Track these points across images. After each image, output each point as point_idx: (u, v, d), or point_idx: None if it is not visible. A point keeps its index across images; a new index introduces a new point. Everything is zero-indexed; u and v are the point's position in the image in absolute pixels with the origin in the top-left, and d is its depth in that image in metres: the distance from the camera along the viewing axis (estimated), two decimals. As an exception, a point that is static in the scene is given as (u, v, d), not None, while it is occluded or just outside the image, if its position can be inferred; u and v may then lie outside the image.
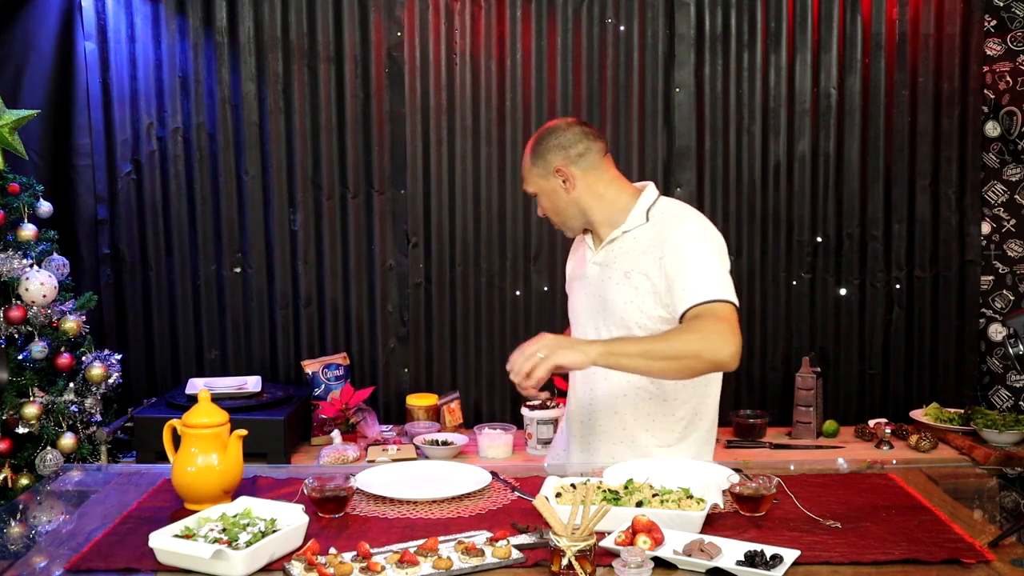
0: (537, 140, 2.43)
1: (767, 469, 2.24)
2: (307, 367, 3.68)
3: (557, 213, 2.44)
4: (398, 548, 1.76)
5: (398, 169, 3.74)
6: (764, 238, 3.79)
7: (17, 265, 3.20)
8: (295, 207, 3.74)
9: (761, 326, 3.83)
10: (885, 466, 2.34)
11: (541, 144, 2.41)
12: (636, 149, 3.74)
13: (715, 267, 2.31)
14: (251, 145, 3.71)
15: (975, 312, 3.82)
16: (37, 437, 3.21)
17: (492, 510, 2.01)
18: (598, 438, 2.45)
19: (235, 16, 3.67)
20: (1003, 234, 3.78)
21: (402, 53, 3.69)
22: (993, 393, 3.82)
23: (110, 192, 3.73)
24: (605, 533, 1.77)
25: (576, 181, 2.39)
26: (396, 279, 3.78)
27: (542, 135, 2.43)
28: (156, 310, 3.78)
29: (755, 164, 3.76)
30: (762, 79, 3.73)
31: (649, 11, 3.70)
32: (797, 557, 1.70)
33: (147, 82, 3.68)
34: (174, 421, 2.08)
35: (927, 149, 3.76)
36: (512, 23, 3.69)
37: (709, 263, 2.31)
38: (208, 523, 1.81)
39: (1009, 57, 3.71)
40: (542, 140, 2.42)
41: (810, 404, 3.58)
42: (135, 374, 3.77)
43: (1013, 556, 1.74)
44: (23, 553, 1.86)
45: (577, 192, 2.39)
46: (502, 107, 3.71)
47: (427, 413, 3.63)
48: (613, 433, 2.42)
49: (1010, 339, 1.85)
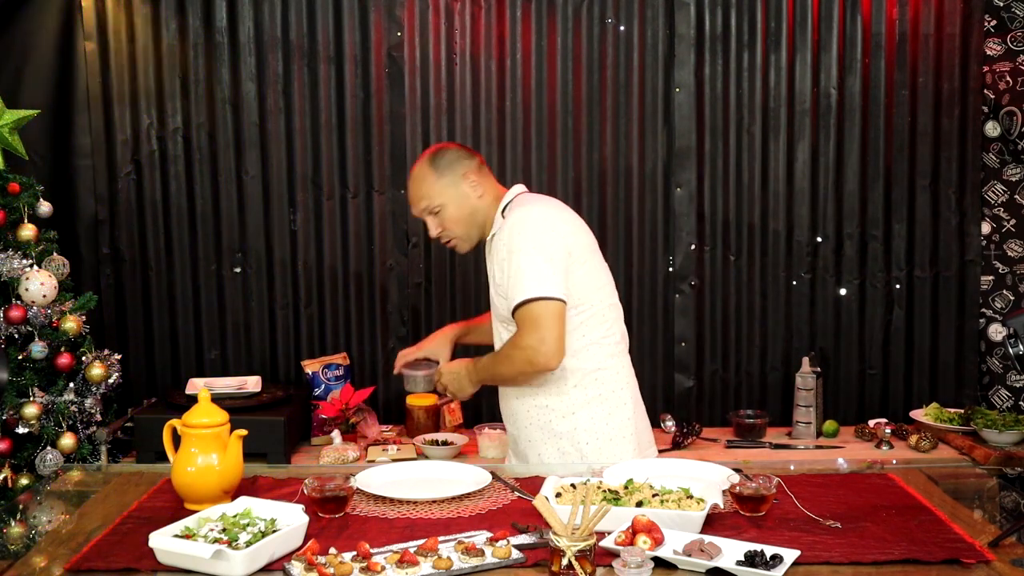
0: (432, 158, 2.56)
1: (767, 469, 2.24)
2: (307, 367, 3.68)
3: (462, 223, 2.55)
4: (398, 548, 1.76)
5: (398, 169, 3.74)
6: (764, 238, 3.79)
7: (17, 265, 3.20)
8: (295, 207, 3.74)
9: (761, 326, 3.83)
10: (885, 466, 2.34)
11: (440, 159, 2.55)
12: (636, 149, 3.74)
13: (531, 264, 2.37)
14: (251, 145, 3.71)
15: (975, 312, 3.82)
16: (37, 437, 3.21)
17: (492, 510, 2.01)
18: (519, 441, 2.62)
19: (235, 16, 3.67)
20: (1003, 234, 3.78)
21: (402, 53, 3.69)
22: (993, 393, 3.82)
23: (110, 192, 3.72)
24: (605, 533, 1.77)
25: (481, 187, 2.54)
26: (396, 279, 3.78)
27: (435, 154, 2.56)
28: (156, 310, 3.78)
29: (755, 164, 3.76)
30: (762, 79, 3.73)
31: (649, 11, 3.70)
32: (797, 557, 1.71)
33: (147, 82, 3.68)
34: (174, 421, 2.08)
35: (927, 149, 3.76)
36: (512, 23, 3.69)
37: (528, 259, 2.38)
38: (208, 523, 1.81)
39: (1009, 57, 3.71)
40: (439, 156, 2.56)
41: (810, 404, 3.58)
42: (135, 374, 3.77)
43: (1013, 556, 1.74)
44: (23, 553, 1.86)
45: (482, 198, 2.54)
46: (502, 107, 3.71)
47: (427, 413, 3.63)
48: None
49: (1010, 339, 1.85)
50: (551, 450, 2.51)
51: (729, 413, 3.73)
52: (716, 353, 3.83)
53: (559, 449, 2.50)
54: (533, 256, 2.37)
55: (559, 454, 2.50)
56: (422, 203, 2.57)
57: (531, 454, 2.56)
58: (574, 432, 2.49)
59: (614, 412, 2.51)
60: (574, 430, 2.49)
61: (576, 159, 3.73)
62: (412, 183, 2.59)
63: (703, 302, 3.81)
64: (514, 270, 2.38)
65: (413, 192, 2.59)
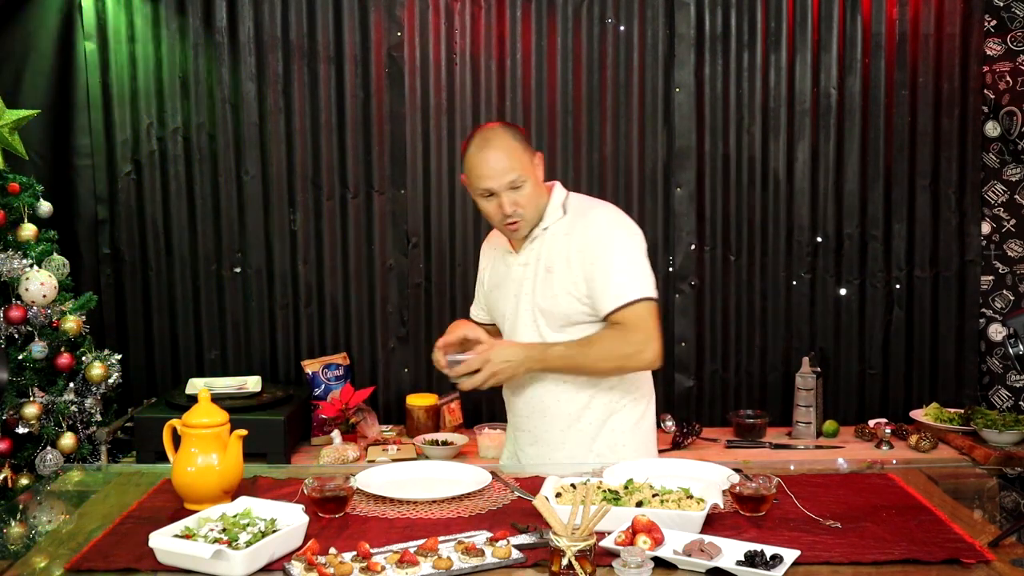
0: (514, 130, 2.43)
1: (767, 469, 2.24)
2: (307, 367, 3.68)
3: (533, 203, 2.41)
4: (398, 548, 1.76)
5: (398, 169, 3.74)
6: (764, 238, 3.79)
7: (17, 265, 3.20)
8: (295, 207, 3.74)
9: (761, 326, 3.83)
10: (885, 466, 2.34)
11: (519, 133, 2.43)
12: (636, 149, 3.74)
13: (634, 263, 2.38)
14: (251, 145, 3.71)
15: (975, 312, 3.82)
16: (37, 437, 3.21)
17: (492, 510, 2.01)
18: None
19: (235, 16, 3.67)
20: (1003, 234, 3.78)
21: (402, 53, 3.69)
22: (993, 393, 3.82)
23: (110, 192, 3.72)
24: (605, 533, 1.77)
25: (541, 171, 2.46)
26: (396, 279, 3.78)
27: (513, 127, 2.45)
28: (156, 310, 3.78)
29: (755, 164, 3.76)
30: (762, 79, 3.73)
31: (649, 11, 3.70)
32: (797, 557, 1.70)
33: (147, 82, 3.68)
34: (174, 421, 2.08)
35: (927, 149, 3.76)
36: (512, 23, 3.69)
37: (627, 259, 2.37)
38: (208, 523, 1.81)
39: (1009, 57, 3.71)
40: (517, 130, 2.44)
41: (810, 404, 3.58)
42: (135, 374, 3.77)
43: (1013, 556, 1.74)
44: (23, 553, 1.86)
45: (542, 184, 2.46)
46: (502, 107, 3.71)
47: (427, 413, 3.63)
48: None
49: (1010, 339, 1.85)
50: (582, 449, 2.46)
51: (729, 413, 3.73)
52: (716, 353, 3.83)
53: (593, 450, 2.46)
54: (634, 256, 2.39)
55: (594, 455, 2.44)
56: (512, 174, 2.35)
57: (553, 452, 2.47)
58: (612, 432, 2.47)
59: (645, 413, 2.53)
60: (612, 431, 2.47)
61: (576, 159, 3.73)
62: (497, 152, 2.36)
63: (703, 302, 3.81)
64: (615, 270, 2.35)
65: (500, 163, 2.35)
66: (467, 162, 2.41)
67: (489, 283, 2.61)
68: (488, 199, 2.39)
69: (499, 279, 2.56)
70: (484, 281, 2.65)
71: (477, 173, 2.38)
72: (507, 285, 2.51)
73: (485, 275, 2.64)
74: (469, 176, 2.41)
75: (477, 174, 2.38)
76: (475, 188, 2.40)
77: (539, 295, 2.43)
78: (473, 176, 2.39)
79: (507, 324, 2.52)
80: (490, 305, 2.62)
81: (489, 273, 2.62)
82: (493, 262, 2.61)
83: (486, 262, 2.66)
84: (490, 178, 2.36)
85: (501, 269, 2.55)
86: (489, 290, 2.61)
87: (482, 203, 2.42)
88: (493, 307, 2.60)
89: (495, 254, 2.60)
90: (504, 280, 2.53)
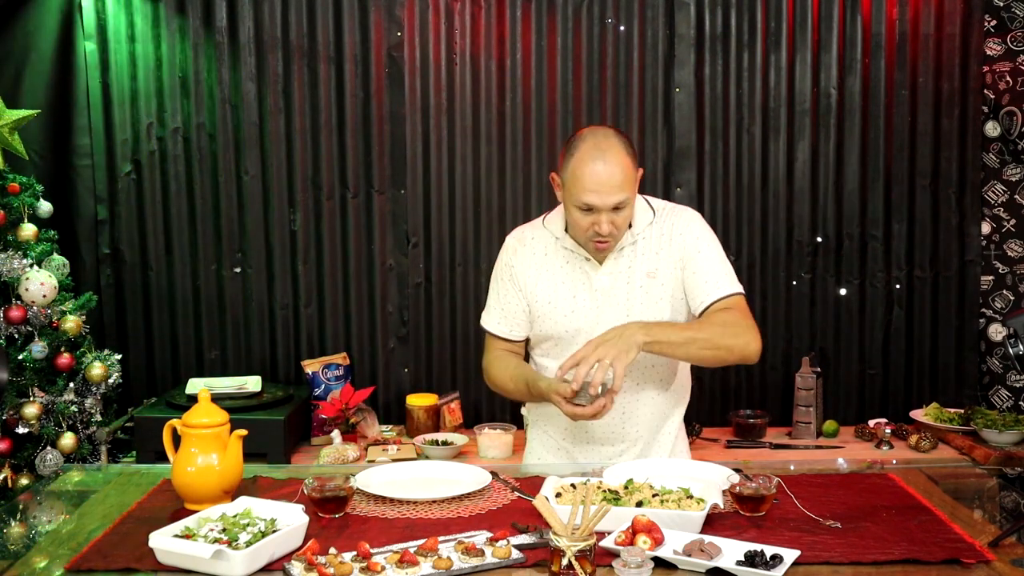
0: (629, 143, 2.23)
1: (767, 469, 2.24)
2: (307, 367, 3.68)
3: (625, 224, 2.24)
4: (398, 548, 1.76)
5: (398, 169, 3.74)
6: (764, 238, 3.79)
7: (17, 265, 3.20)
8: (295, 207, 3.74)
9: (761, 326, 3.73)
10: (885, 466, 2.34)
11: (631, 145, 2.23)
12: (636, 149, 3.73)
13: (725, 258, 2.37)
14: (251, 145, 3.71)
15: (975, 312, 3.82)
16: (37, 437, 3.21)
17: (492, 510, 2.01)
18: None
19: (235, 16, 3.67)
20: (1003, 234, 3.78)
21: (402, 53, 3.69)
22: (993, 393, 3.82)
23: (110, 192, 3.72)
24: (605, 533, 1.77)
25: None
26: (396, 279, 3.78)
27: (627, 139, 2.24)
28: (156, 310, 3.78)
29: (755, 164, 3.76)
30: (762, 79, 3.73)
31: (649, 11, 3.70)
32: (797, 557, 1.70)
33: (147, 82, 3.68)
34: (174, 421, 2.08)
35: (927, 149, 3.76)
36: (512, 23, 3.69)
37: (723, 256, 2.36)
38: (208, 523, 1.81)
39: (1009, 57, 3.71)
40: (629, 143, 2.24)
41: (810, 404, 3.58)
42: (135, 374, 3.77)
43: (1013, 556, 1.74)
44: (23, 553, 1.86)
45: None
46: (502, 107, 3.71)
47: (427, 413, 3.63)
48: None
49: (1010, 339, 1.85)
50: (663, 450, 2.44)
51: (729, 413, 3.73)
52: (716, 353, 3.82)
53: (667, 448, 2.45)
54: (722, 253, 2.36)
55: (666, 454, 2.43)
56: (621, 195, 2.17)
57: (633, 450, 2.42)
58: (679, 429, 2.49)
59: (683, 411, 2.54)
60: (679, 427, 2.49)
61: (576, 159, 3.72)
62: (612, 168, 2.15)
63: (703, 302, 3.80)
64: (716, 261, 2.31)
65: (613, 179, 2.15)
66: (572, 167, 2.19)
67: (543, 296, 2.35)
68: (585, 213, 2.20)
69: (567, 291, 2.33)
70: (528, 292, 2.37)
71: (583, 185, 2.16)
72: (583, 297, 2.31)
73: (528, 286, 2.37)
74: (569, 183, 2.20)
75: (583, 186, 2.16)
76: (573, 198, 2.19)
77: (635, 305, 2.29)
78: (576, 187, 2.18)
79: (579, 339, 2.29)
80: (545, 319, 2.36)
81: (541, 284, 2.36)
82: (547, 272, 2.36)
83: (528, 271, 2.38)
84: (597, 194, 2.16)
85: (569, 280, 2.34)
86: (545, 303, 2.35)
87: (574, 213, 2.21)
88: (553, 322, 2.35)
89: (546, 263, 2.36)
90: (577, 292, 2.32)
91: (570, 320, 2.34)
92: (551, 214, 2.43)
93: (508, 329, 2.43)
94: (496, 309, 2.44)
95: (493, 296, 2.45)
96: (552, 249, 2.37)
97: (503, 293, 2.42)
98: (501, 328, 2.44)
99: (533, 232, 2.42)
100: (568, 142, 2.27)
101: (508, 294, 2.41)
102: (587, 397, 2.10)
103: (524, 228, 2.47)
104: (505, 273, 2.41)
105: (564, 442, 2.46)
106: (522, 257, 2.39)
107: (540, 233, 2.41)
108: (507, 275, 2.41)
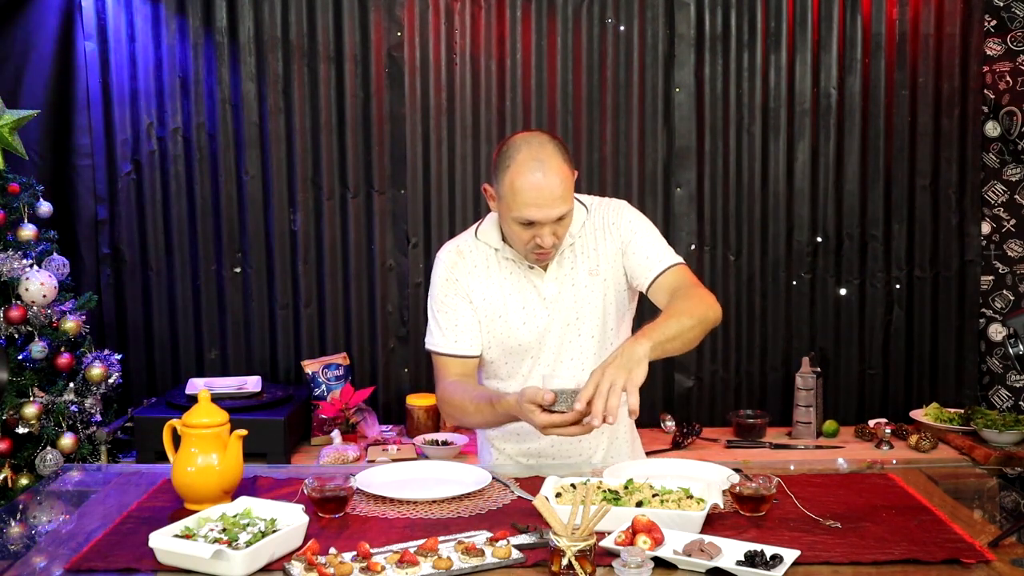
0: (563, 147, 2.13)
1: (767, 469, 2.23)
2: (307, 367, 3.68)
3: (566, 232, 2.18)
4: (398, 548, 1.76)
5: (398, 169, 3.74)
6: (764, 238, 3.79)
7: (17, 265, 3.20)
8: (295, 207, 3.74)
9: (761, 326, 3.83)
10: (885, 466, 2.34)
11: (566, 149, 2.14)
12: (636, 149, 3.74)
13: (661, 237, 2.33)
14: (251, 145, 3.71)
15: (975, 312, 3.82)
16: (37, 437, 3.21)
17: (492, 510, 2.01)
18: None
19: (235, 16, 3.67)
20: (1003, 234, 3.78)
21: (402, 53, 3.69)
22: (993, 393, 3.82)
23: (110, 192, 3.72)
24: (605, 533, 1.77)
25: None
26: (396, 279, 3.78)
27: (561, 142, 2.15)
28: (156, 310, 3.78)
29: (755, 164, 3.76)
30: (762, 79, 3.73)
31: (649, 11, 3.70)
32: (797, 557, 1.70)
33: (147, 82, 3.68)
34: (174, 421, 2.08)
35: (927, 149, 3.76)
36: (512, 23, 3.69)
37: (657, 234, 2.32)
38: (208, 523, 1.81)
39: (1009, 57, 3.71)
40: (564, 147, 2.15)
41: (810, 404, 3.58)
42: (135, 374, 3.77)
43: (1013, 556, 1.74)
44: (23, 553, 1.86)
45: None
46: (502, 107, 3.71)
47: (427, 413, 3.63)
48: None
49: (1010, 339, 1.85)
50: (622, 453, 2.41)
51: (729, 413, 3.73)
52: (716, 353, 3.82)
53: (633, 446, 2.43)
54: (656, 232, 2.31)
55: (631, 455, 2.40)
56: (564, 207, 2.08)
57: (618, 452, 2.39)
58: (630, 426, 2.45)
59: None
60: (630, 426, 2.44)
61: (576, 159, 3.72)
62: (551, 178, 2.05)
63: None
64: (650, 241, 2.26)
65: (554, 192, 2.05)
66: (508, 180, 2.08)
67: (492, 310, 2.27)
68: (526, 227, 2.10)
69: (515, 303, 2.26)
70: (476, 306, 2.27)
71: (523, 200, 2.05)
72: (533, 307, 2.25)
73: (476, 299, 2.27)
74: (507, 197, 2.08)
75: (523, 201, 2.05)
76: (513, 212, 2.08)
77: (584, 306, 2.26)
78: (516, 201, 2.07)
79: (532, 350, 2.27)
80: (496, 334, 2.28)
81: (489, 298, 2.27)
82: (493, 285, 2.28)
83: (472, 284, 2.27)
84: (538, 208, 2.06)
85: (516, 291, 2.26)
86: (495, 317, 2.27)
87: (513, 226, 2.11)
88: (505, 336, 2.27)
89: (489, 275, 2.27)
90: (527, 302, 2.26)
91: (522, 332, 2.26)
92: (483, 225, 2.32)
93: (467, 344, 2.27)
94: (447, 327, 2.27)
95: (441, 315, 2.28)
96: (493, 261, 2.28)
97: (452, 308, 2.27)
98: (459, 345, 2.27)
99: (467, 245, 2.30)
100: (500, 151, 2.14)
101: (458, 307, 2.27)
102: (567, 404, 1.93)
103: (455, 242, 2.34)
104: (449, 288, 2.27)
105: (519, 458, 2.38)
106: (463, 270, 2.28)
107: (476, 245, 2.30)
108: (452, 290, 2.27)
